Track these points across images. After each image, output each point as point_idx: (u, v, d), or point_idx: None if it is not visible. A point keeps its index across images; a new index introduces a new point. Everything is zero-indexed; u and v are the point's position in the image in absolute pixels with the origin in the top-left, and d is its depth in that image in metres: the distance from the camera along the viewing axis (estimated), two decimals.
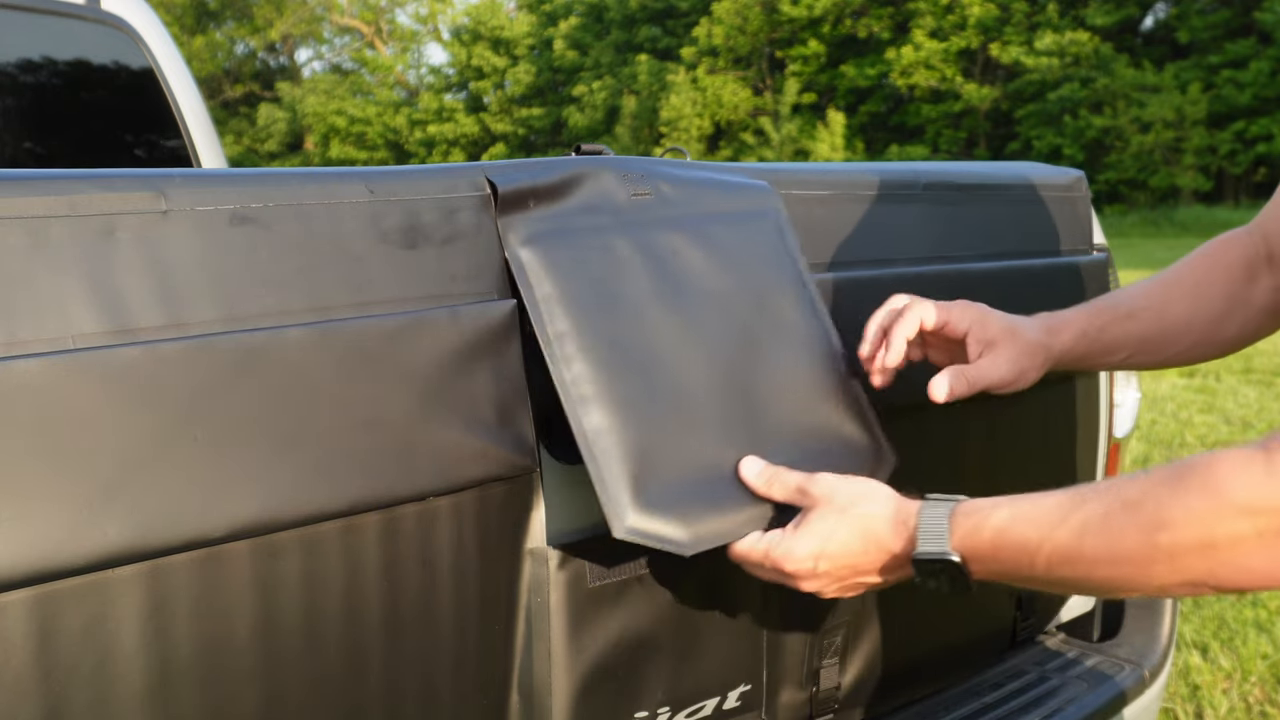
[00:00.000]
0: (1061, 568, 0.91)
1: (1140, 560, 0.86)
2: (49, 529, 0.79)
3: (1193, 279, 1.30)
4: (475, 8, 38.48)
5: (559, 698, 1.10)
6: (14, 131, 2.53)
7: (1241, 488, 0.80)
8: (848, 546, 1.03)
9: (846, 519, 1.03)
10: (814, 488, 1.06)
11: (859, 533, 1.03)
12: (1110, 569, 0.88)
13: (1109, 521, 0.88)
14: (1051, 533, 0.91)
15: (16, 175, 0.84)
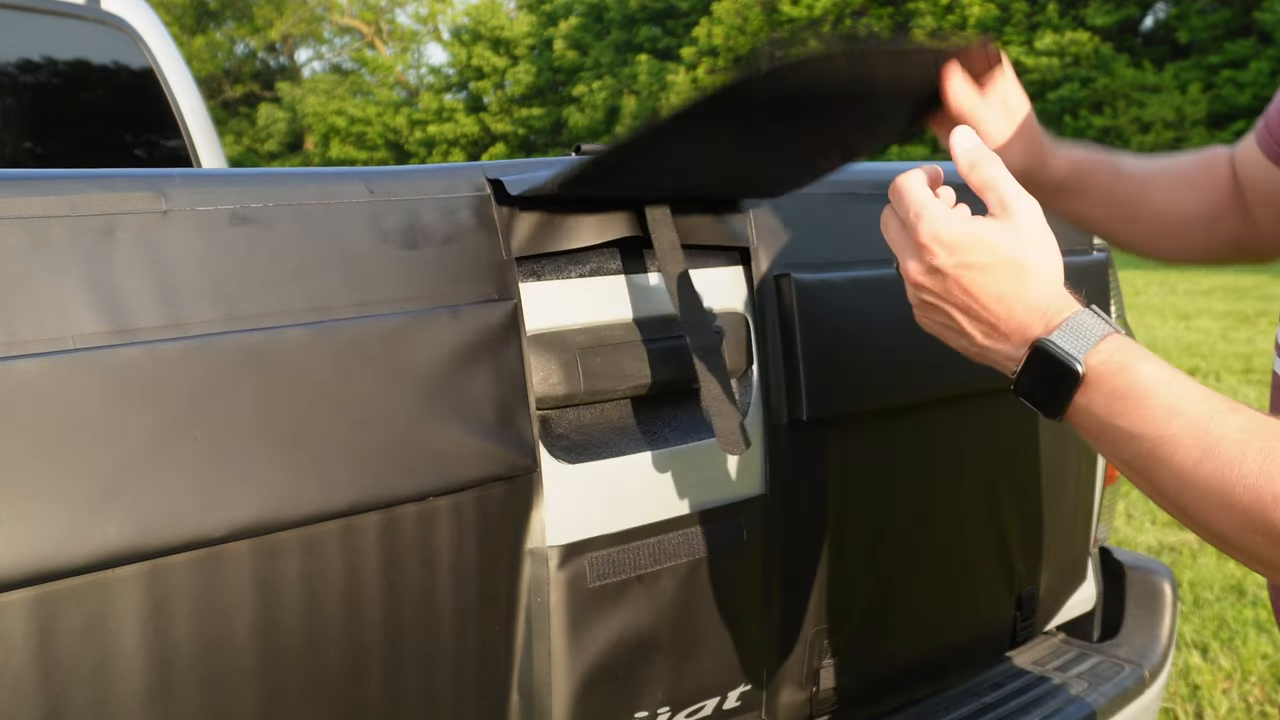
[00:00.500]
0: (1160, 465, 0.79)
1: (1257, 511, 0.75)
2: (49, 529, 0.79)
3: (1179, 173, 1.29)
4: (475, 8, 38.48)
5: (559, 698, 1.10)
6: (14, 131, 2.53)
7: None
8: (993, 273, 0.87)
9: (1016, 251, 0.88)
10: (1015, 205, 0.90)
11: (1013, 272, 0.87)
12: (1219, 499, 0.77)
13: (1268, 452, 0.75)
14: (1190, 421, 0.78)
15: (16, 175, 0.84)
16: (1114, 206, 1.27)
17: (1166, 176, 1.30)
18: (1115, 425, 0.82)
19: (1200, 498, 0.78)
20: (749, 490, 1.25)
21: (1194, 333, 9.01)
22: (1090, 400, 0.83)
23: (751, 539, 1.24)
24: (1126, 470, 0.84)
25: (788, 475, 1.27)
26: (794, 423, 1.26)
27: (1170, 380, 0.81)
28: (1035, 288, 0.87)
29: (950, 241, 0.87)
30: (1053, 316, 0.85)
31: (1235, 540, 0.78)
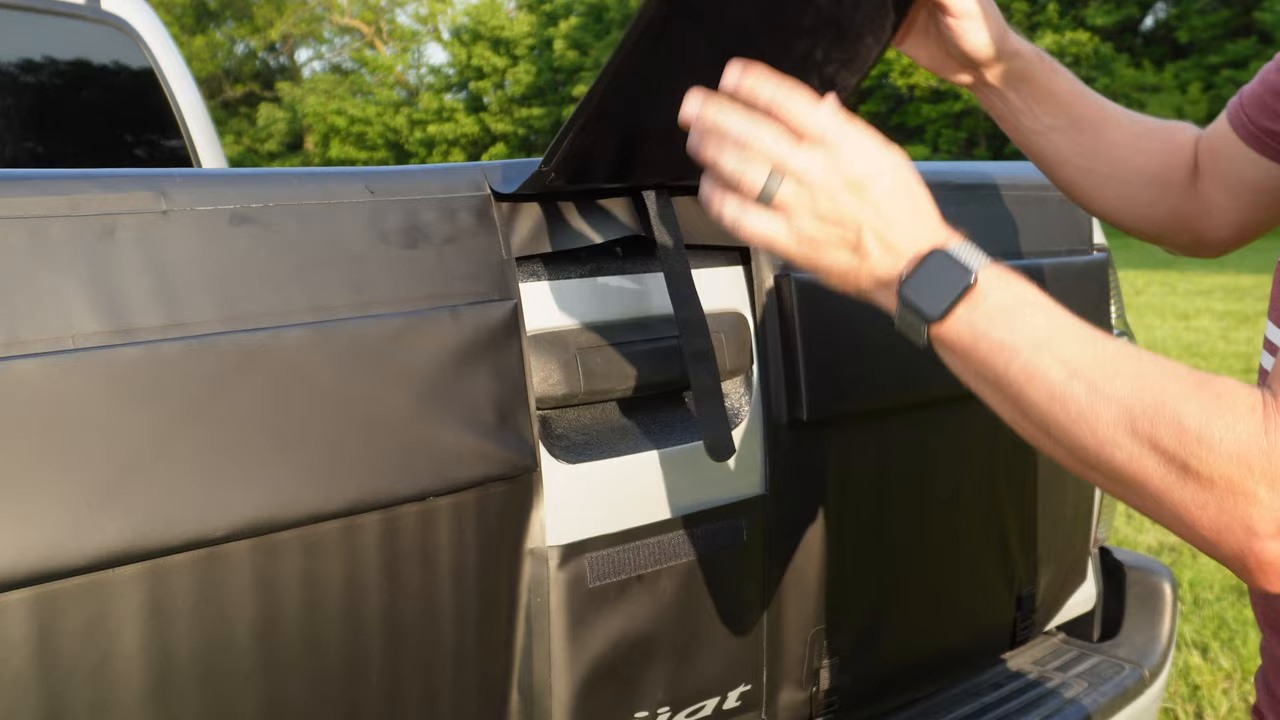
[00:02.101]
0: (1029, 385, 0.80)
1: (1114, 438, 0.77)
2: (49, 529, 0.79)
3: (1143, 124, 1.26)
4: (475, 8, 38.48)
5: (559, 698, 1.10)
6: (14, 131, 2.53)
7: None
8: (877, 165, 0.85)
9: (895, 157, 0.87)
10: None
11: (902, 179, 0.86)
12: (1077, 425, 0.78)
13: (1122, 379, 0.77)
14: (1067, 339, 0.80)
15: (16, 175, 0.84)
16: (1071, 127, 1.22)
17: (1129, 120, 1.25)
18: (991, 337, 0.82)
19: (1068, 415, 0.79)
20: (749, 490, 1.25)
21: (1194, 332, 9.01)
22: (973, 311, 0.82)
23: (751, 539, 1.24)
24: (991, 389, 0.84)
25: (788, 475, 1.27)
26: (794, 423, 1.26)
27: (1048, 302, 0.83)
28: (919, 190, 0.88)
29: (816, 112, 0.84)
30: (948, 236, 0.87)
31: (1094, 459, 0.80)
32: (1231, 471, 0.74)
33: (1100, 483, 0.83)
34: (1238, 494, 0.74)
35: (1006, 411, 0.84)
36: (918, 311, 0.84)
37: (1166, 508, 0.77)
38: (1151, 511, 0.79)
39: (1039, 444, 0.84)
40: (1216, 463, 0.74)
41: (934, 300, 0.84)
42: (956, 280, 0.83)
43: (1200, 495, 0.75)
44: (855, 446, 1.34)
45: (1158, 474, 0.76)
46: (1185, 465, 0.75)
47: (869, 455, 1.36)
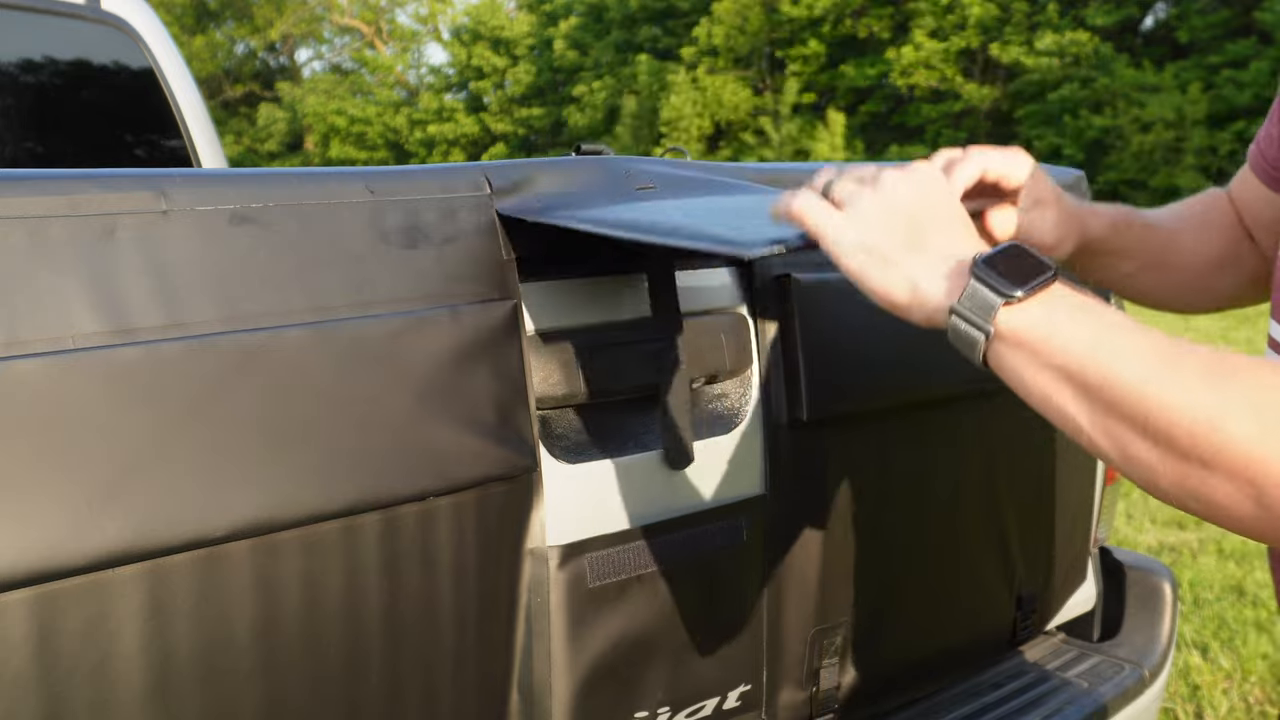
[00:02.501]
0: (1116, 366, 0.74)
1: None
2: (49, 529, 0.79)
3: (1199, 218, 1.28)
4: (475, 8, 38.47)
5: (559, 698, 1.10)
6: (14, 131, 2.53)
7: None
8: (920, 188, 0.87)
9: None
10: None
11: (939, 194, 0.87)
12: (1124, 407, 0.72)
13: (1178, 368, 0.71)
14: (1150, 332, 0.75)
15: (16, 175, 0.84)
16: (1153, 259, 1.26)
17: (1187, 222, 1.28)
18: (1069, 324, 0.77)
19: (1163, 386, 0.72)
20: (749, 490, 1.25)
21: (1194, 333, 9.01)
22: (1051, 298, 0.78)
23: (751, 539, 1.24)
24: (1066, 382, 0.76)
25: (788, 475, 1.27)
26: (794, 423, 1.26)
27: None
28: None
29: (862, 173, 0.89)
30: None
31: (1188, 428, 0.71)
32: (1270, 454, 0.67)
33: (1180, 495, 0.73)
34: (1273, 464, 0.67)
35: (1082, 409, 0.76)
36: (995, 289, 0.78)
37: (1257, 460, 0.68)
38: (1254, 512, 0.70)
39: (1122, 440, 0.74)
40: (1258, 446, 0.67)
41: (1014, 280, 0.78)
42: (1038, 269, 0.79)
43: (1234, 465, 0.68)
44: (855, 446, 1.34)
45: (1248, 423, 0.68)
46: (1223, 447, 0.68)
47: (869, 455, 1.36)
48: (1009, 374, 0.80)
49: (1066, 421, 0.77)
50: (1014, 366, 0.79)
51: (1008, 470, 1.54)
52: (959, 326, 0.80)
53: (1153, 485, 0.74)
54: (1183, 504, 0.73)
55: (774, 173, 1.33)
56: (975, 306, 0.79)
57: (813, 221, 0.88)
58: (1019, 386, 0.80)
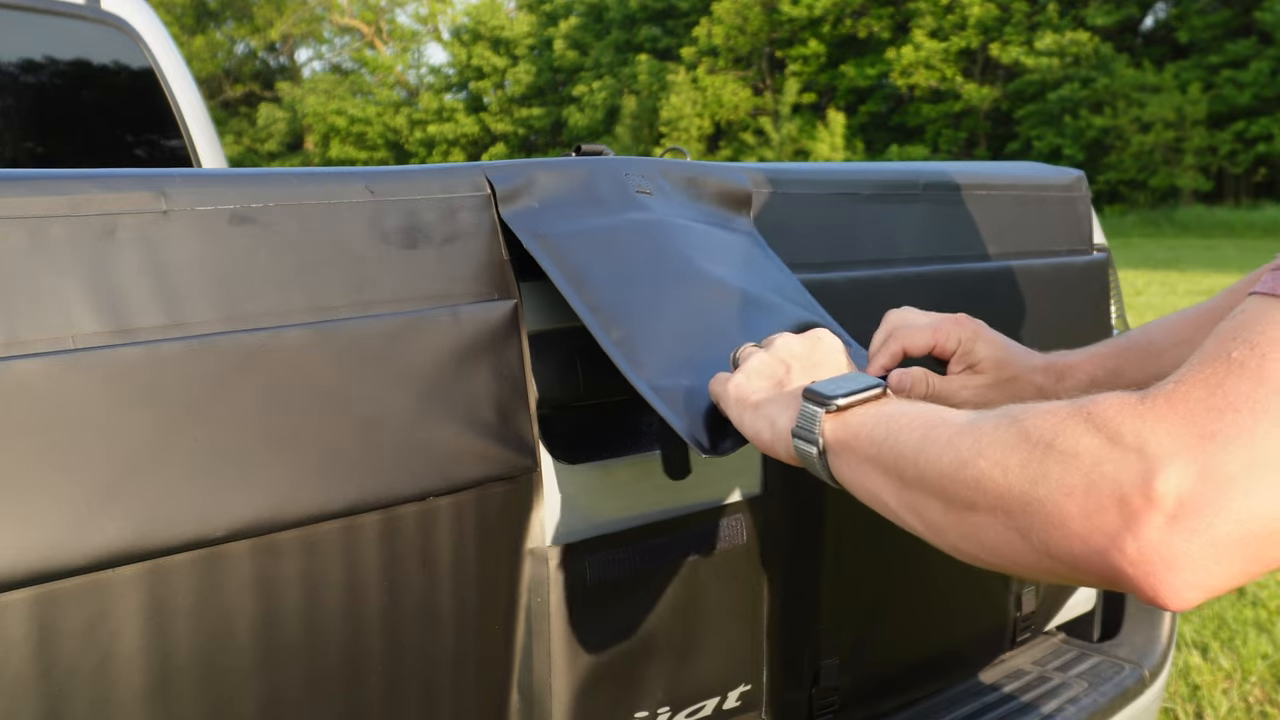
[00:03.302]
0: (926, 445, 0.77)
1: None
2: (49, 529, 0.79)
3: (1219, 311, 1.18)
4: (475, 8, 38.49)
5: (559, 698, 1.10)
6: (14, 131, 2.53)
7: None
8: (831, 343, 0.97)
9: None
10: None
11: (825, 351, 0.97)
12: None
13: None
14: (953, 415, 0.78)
15: (16, 175, 0.84)
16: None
17: (1216, 320, 1.21)
18: (888, 420, 0.83)
19: (956, 459, 0.74)
20: (749, 490, 1.25)
21: None
22: (876, 404, 0.86)
23: (751, 539, 1.24)
24: (882, 469, 0.81)
25: (788, 475, 1.27)
26: None
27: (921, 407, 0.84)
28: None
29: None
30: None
31: (969, 493, 0.73)
32: (1101, 442, 0.65)
33: (966, 546, 0.75)
34: (1106, 462, 0.65)
35: (886, 487, 0.81)
36: (821, 397, 0.87)
37: (1035, 514, 0.68)
38: (1023, 547, 0.70)
39: (918, 507, 0.78)
40: (1084, 436, 0.66)
41: (840, 388, 0.87)
42: (868, 383, 0.88)
43: (1066, 477, 0.66)
44: None
45: (1021, 472, 0.69)
46: (1053, 448, 0.67)
47: None
48: (845, 478, 0.86)
49: (885, 509, 0.83)
50: (846, 469, 0.86)
51: None
52: (800, 448, 0.88)
53: (950, 545, 0.77)
54: (975, 556, 0.75)
55: (774, 173, 1.33)
56: (806, 423, 0.87)
57: (717, 392, 1.00)
58: (854, 489, 0.86)
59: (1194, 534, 0.62)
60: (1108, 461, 0.65)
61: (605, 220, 1.14)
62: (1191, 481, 0.62)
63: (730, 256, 1.20)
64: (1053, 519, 0.67)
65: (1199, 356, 0.67)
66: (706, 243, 1.19)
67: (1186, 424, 0.63)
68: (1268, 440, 0.62)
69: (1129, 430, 0.65)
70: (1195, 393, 0.64)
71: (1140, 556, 0.63)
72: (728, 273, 1.17)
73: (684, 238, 1.18)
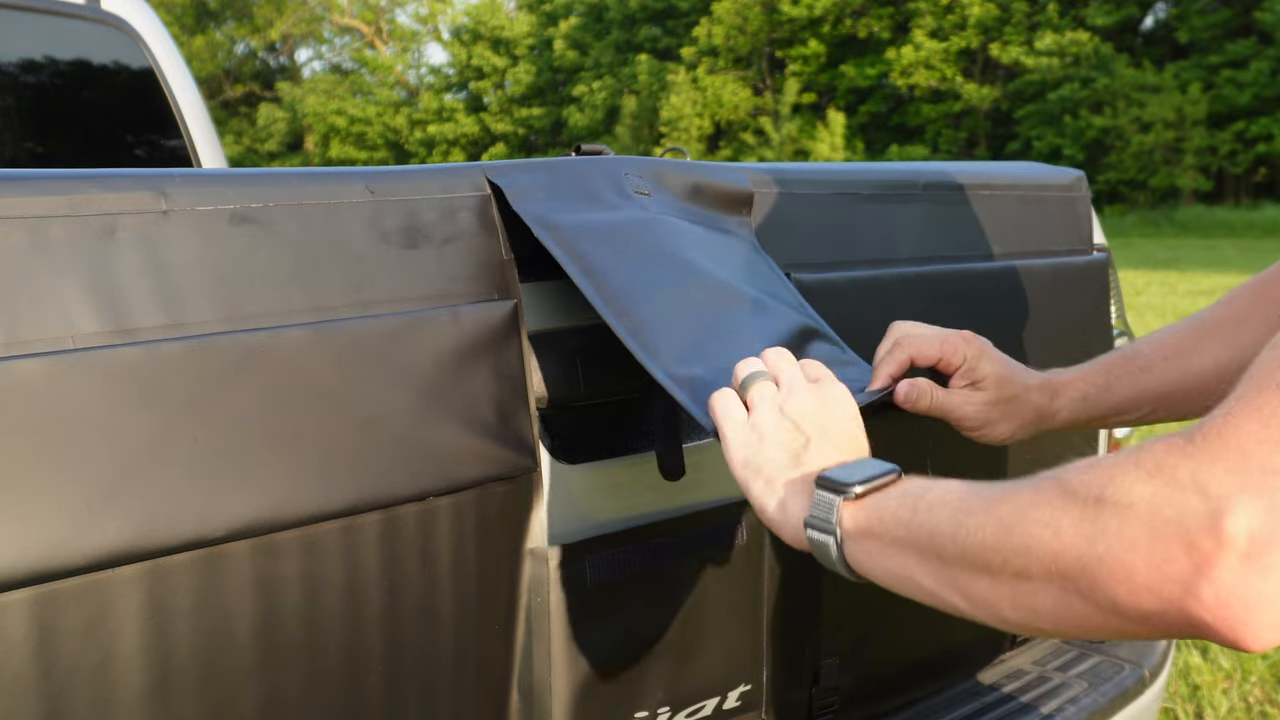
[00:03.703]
0: (979, 523, 0.75)
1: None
2: (49, 529, 0.79)
3: (1232, 319, 1.18)
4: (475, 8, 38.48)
5: (559, 698, 1.10)
6: (14, 131, 2.53)
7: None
8: (850, 403, 0.95)
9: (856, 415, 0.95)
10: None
11: (838, 416, 0.94)
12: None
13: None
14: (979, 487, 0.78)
15: (16, 175, 0.84)
16: (1166, 399, 1.20)
17: (1216, 331, 1.18)
18: (901, 506, 0.82)
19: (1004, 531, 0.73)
20: None
21: None
22: (895, 487, 0.85)
23: (751, 539, 1.24)
24: (912, 552, 0.80)
25: None
26: None
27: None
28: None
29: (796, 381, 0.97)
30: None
31: (1028, 566, 0.71)
32: (1157, 486, 0.64)
33: (1020, 617, 0.74)
34: (1170, 507, 0.63)
35: (922, 569, 0.79)
36: (838, 484, 0.85)
37: (1096, 573, 0.66)
38: (1086, 610, 0.68)
39: (963, 586, 0.77)
40: (1138, 486, 0.65)
41: (857, 474, 0.86)
42: (883, 469, 0.86)
43: (1129, 531, 0.65)
44: None
45: (1075, 531, 0.67)
46: (1112, 505, 0.66)
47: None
48: (866, 566, 0.85)
49: (920, 590, 0.81)
50: (867, 557, 0.84)
51: (1008, 470, 1.54)
52: (814, 538, 0.87)
53: (1000, 618, 0.76)
54: (1031, 625, 0.74)
55: (774, 173, 1.33)
56: (821, 512, 0.86)
57: (720, 423, 0.95)
58: (878, 574, 0.84)
59: (1269, 570, 0.61)
60: (1168, 507, 0.63)
61: (609, 216, 1.14)
62: (1261, 518, 0.61)
63: (727, 256, 1.21)
64: (1116, 575, 0.65)
65: (1245, 387, 0.65)
66: (704, 242, 1.20)
67: (1243, 460, 0.62)
68: None
69: (1184, 473, 0.63)
70: (1248, 425, 0.63)
71: (1218, 601, 0.62)
72: (726, 271, 1.18)
73: (683, 237, 1.18)
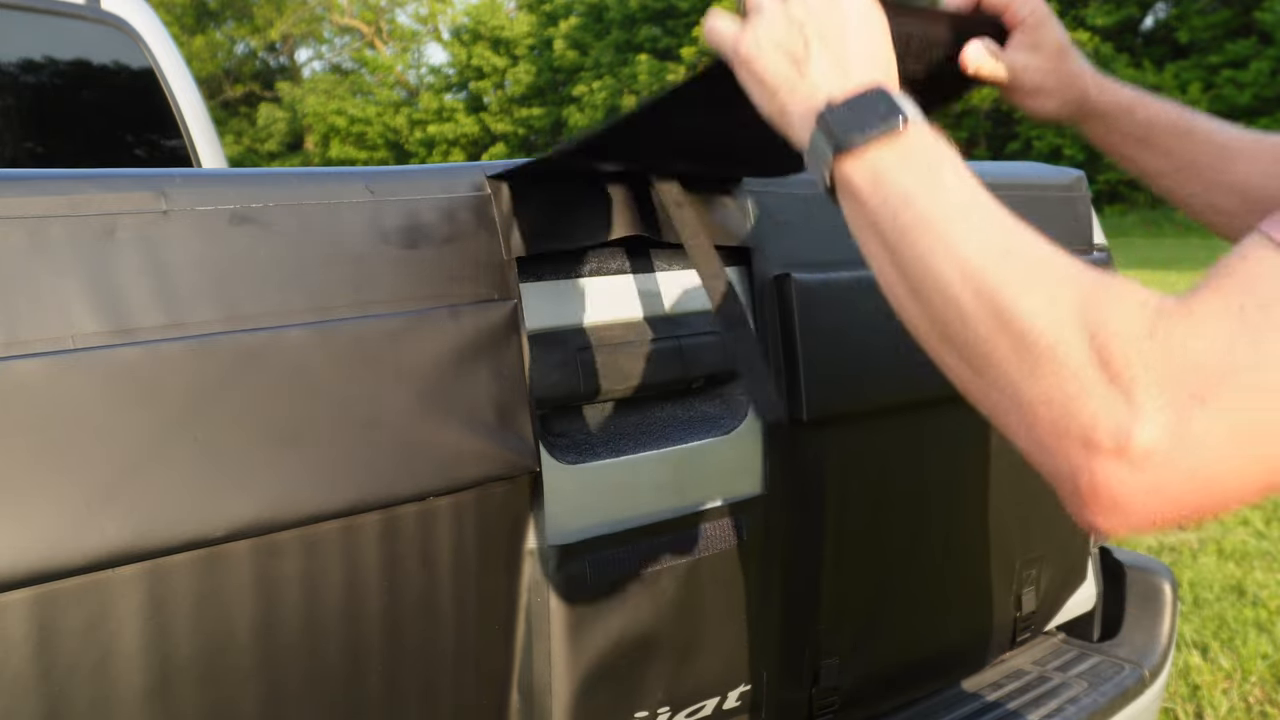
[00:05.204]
0: (912, 235, 0.72)
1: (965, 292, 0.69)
2: (49, 529, 0.79)
3: (1269, 143, 1.13)
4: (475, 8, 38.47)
5: (559, 698, 1.10)
6: (14, 131, 2.53)
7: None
8: (863, 6, 0.82)
9: (880, 16, 0.83)
10: None
11: (877, 29, 0.82)
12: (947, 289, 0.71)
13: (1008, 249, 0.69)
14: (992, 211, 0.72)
15: (16, 175, 0.84)
16: (1181, 162, 1.15)
17: (1252, 147, 1.14)
18: (894, 182, 0.74)
19: (939, 277, 0.71)
20: (749, 490, 1.25)
21: None
22: (888, 151, 0.75)
23: (751, 539, 1.24)
24: (876, 240, 0.75)
25: (788, 475, 1.27)
26: (794, 423, 1.26)
27: (971, 176, 0.74)
28: (892, 65, 0.83)
29: None
30: (895, 84, 0.81)
31: (955, 328, 0.71)
32: (1094, 365, 0.64)
33: (950, 364, 0.74)
34: (1092, 394, 0.63)
35: (885, 271, 0.76)
36: (832, 136, 0.76)
37: (1009, 399, 0.67)
38: (991, 405, 0.71)
39: (906, 312, 0.75)
40: (1080, 350, 0.64)
41: (854, 129, 0.76)
42: (887, 119, 0.75)
43: (1050, 388, 0.65)
44: (855, 446, 1.34)
45: (1012, 354, 0.67)
46: (1048, 348, 0.65)
47: (869, 455, 1.36)
48: (850, 222, 0.79)
49: (880, 274, 0.77)
50: (846, 213, 0.78)
51: (1008, 470, 1.54)
52: (811, 163, 0.80)
53: (920, 335, 0.76)
54: (934, 349, 0.75)
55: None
56: (814, 155, 0.78)
57: (716, 39, 0.88)
58: (855, 235, 0.79)
59: (1153, 489, 0.63)
60: (1096, 398, 0.64)
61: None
62: (1168, 442, 0.62)
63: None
64: (1026, 418, 0.67)
65: (1216, 286, 0.64)
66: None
67: (1181, 380, 0.62)
68: (1254, 417, 0.61)
69: (1123, 367, 0.63)
70: (1198, 344, 0.62)
71: (1092, 493, 0.65)
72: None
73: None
